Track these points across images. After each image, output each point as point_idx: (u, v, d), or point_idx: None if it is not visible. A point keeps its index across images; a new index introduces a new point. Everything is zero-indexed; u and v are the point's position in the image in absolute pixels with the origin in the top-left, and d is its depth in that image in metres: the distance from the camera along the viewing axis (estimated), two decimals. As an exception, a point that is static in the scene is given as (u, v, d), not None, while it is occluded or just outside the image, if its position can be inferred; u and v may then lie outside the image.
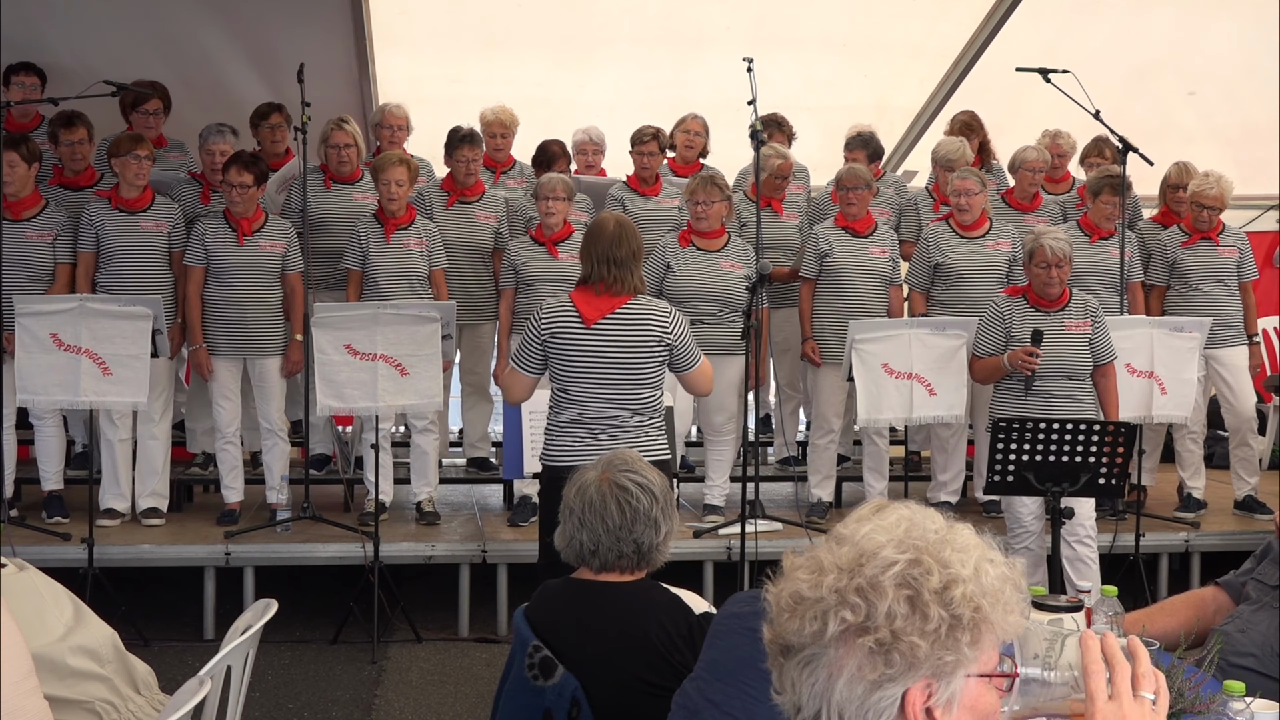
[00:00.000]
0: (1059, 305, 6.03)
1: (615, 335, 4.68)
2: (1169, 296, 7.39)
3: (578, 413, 4.69)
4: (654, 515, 3.11)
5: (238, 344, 6.71)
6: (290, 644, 6.19)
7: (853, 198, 7.05)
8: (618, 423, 4.68)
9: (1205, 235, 7.27)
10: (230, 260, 6.63)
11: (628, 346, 4.68)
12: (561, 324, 4.70)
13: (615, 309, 4.69)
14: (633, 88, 9.10)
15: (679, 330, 4.75)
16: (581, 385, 4.68)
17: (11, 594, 3.21)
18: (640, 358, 4.69)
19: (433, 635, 6.38)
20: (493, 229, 7.25)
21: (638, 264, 4.78)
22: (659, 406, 4.78)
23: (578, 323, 4.68)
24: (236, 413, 6.79)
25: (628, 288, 4.72)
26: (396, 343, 6.26)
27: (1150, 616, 3.43)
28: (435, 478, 7.11)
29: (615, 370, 4.68)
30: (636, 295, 4.74)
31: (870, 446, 7.13)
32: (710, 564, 6.63)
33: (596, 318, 4.67)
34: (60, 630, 3.20)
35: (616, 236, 4.74)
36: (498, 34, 8.72)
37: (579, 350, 4.68)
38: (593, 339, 4.68)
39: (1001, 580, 1.58)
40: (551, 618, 3.06)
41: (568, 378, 4.70)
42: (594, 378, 4.68)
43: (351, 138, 7.16)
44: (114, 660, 3.24)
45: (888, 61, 9.35)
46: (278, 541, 6.56)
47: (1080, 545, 5.99)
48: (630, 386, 4.69)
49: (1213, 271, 7.28)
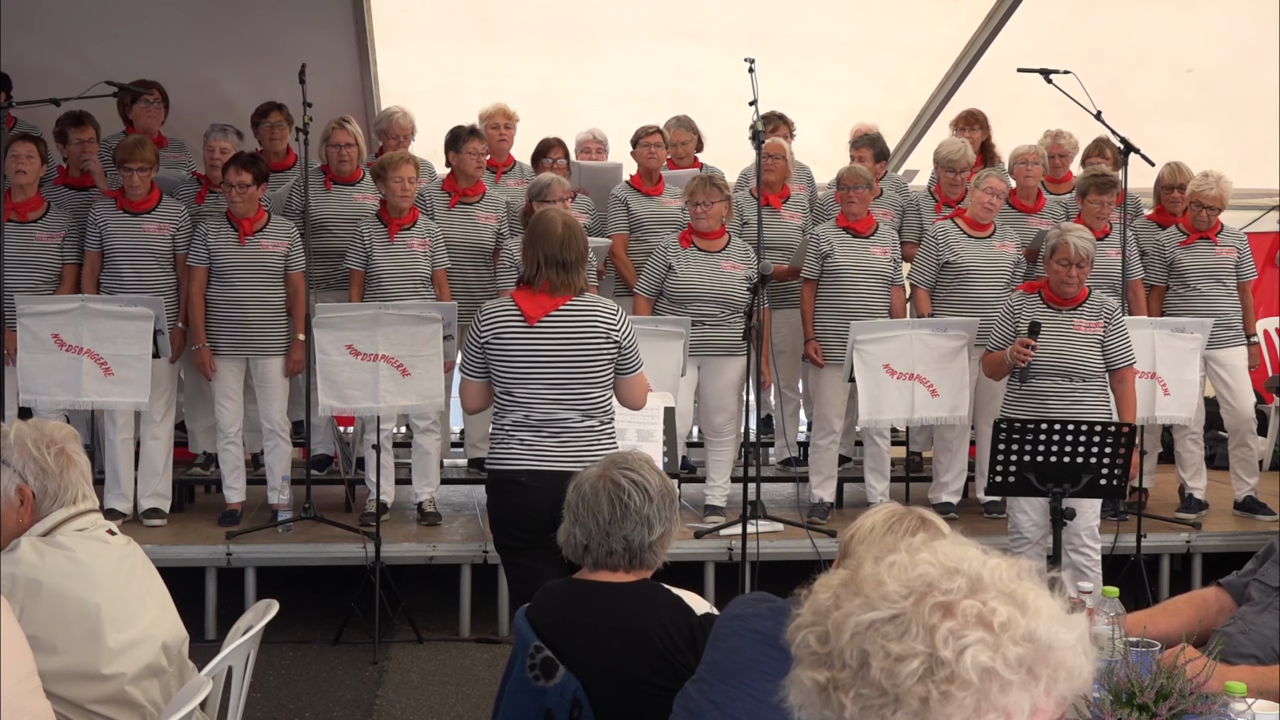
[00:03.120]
0: (1072, 304, 5.97)
1: (560, 333, 4.47)
2: (1167, 298, 7.38)
3: (523, 415, 4.47)
4: (646, 514, 3.10)
5: (240, 344, 6.70)
6: (291, 644, 6.19)
7: (854, 197, 7.04)
8: (566, 425, 4.47)
9: (1204, 235, 7.27)
10: (232, 260, 6.63)
11: (574, 344, 4.47)
12: (503, 324, 4.49)
13: (559, 306, 4.48)
14: (634, 81, 9.11)
15: (626, 330, 4.54)
16: (527, 386, 4.47)
17: (128, 571, 3.17)
18: (587, 356, 4.48)
19: (434, 636, 6.38)
20: (494, 229, 7.25)
21: (584, 266, 4.59)
22: (610, 409, 4.58)
23: (520, 322, 4.47)
24: (239, 413, 6.79)
25: (573, 289, 4.51)
26: (398, 343, 6.26)
27: (1152, 618, 3.42)
28: (437, 478, 7.11)
29: (561, 370, 4.47)
30: (581, 293, 4.55)
31: (872, 447, 7.13)
32: (711, 565, 6.63)
33: (540, 315, 4.46)
34: (147, 621, 3.13)
35: (565, 239, 4.52)
36: (498, 28, 8.74)
37: (522, 350, 4.47)
38: (536, 338, 4.46)
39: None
40: (553, 618, 3.06)
41: (512, 379, 4.49)
42: (539, 378, 4.46)
43: (353, 137, 7.15)
44: (176, 662, 3.19)
45: (888, 62, 9.35)
46: (279, 542, 6.56)
47: (1077, 554, 5.97)
48: (578, 386, 4.48)
49: (1211, 271, 7.28)
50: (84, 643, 2.94)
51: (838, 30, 8.95)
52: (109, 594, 3.01)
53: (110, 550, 3.12)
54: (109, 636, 2.96)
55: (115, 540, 3.17)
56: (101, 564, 3.05)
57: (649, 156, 7.58)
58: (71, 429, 3.25)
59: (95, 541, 3.09)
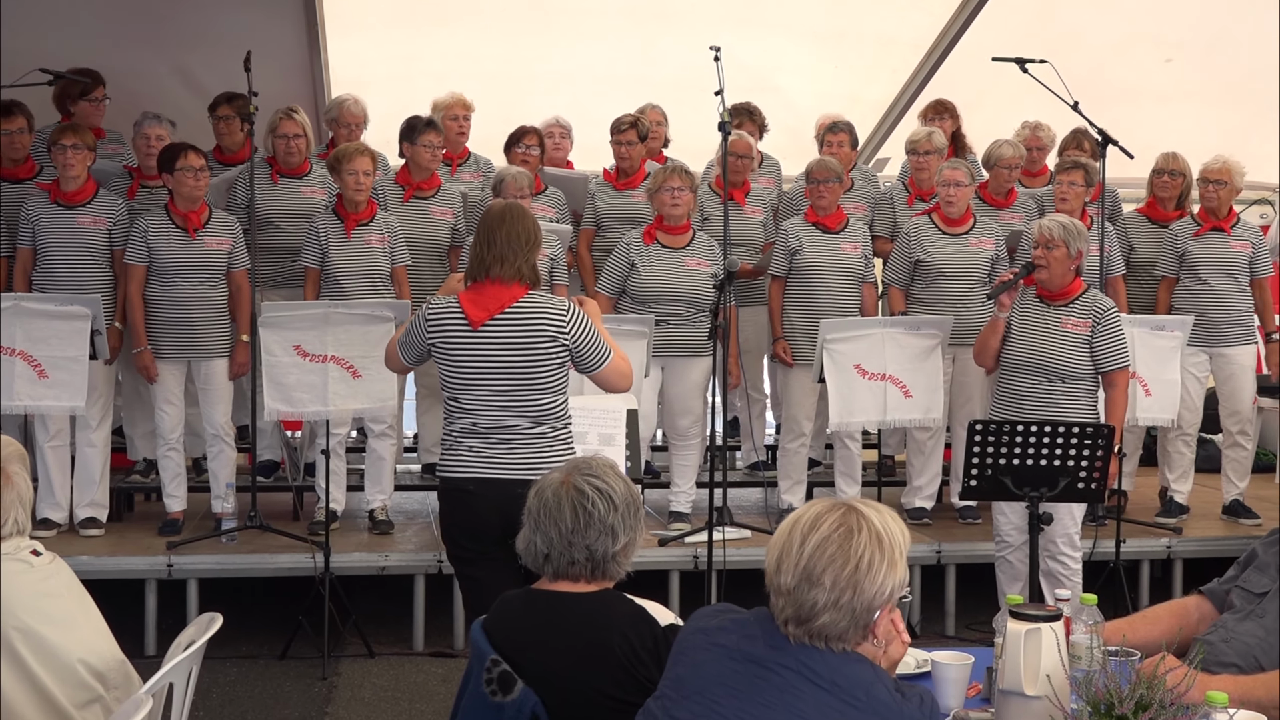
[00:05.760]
0: (1062, 300, 5.94)
1: (505, 337, 4.42)
2: (1176, 291, 7.38)
3: (471, 422, 4.45)
4: (610, 522, 3.09)
5: (182, 346, 6.65)
6: (236, 660, 6.15)
7: (823, 190, 7.06)
8: (514, 432, 4.43)
9: (1217, 226, 7.28)
10: (176, 259, 6.57)
11: (519, 349, 4.42)
12: (447, 326, 4.46)
13: (505, 308, 4.42)
14: (597, 65, 9.11)
15: (578, 328, 4.47)
16: (473, 393, 4.44)
17: (51, 593, 3.14)
18: (534, 360, 4.43)
19: (386, 650, 6.35)
20: (449, 225, 7.23)
21: (526, 250, 4.48)
22: (563, 414, 4.54)
23: (464, 325, 4.43)
24: (180, 417, 6.75)
25: (513, 276, 4.44)
26: (348, 343, 6.24)
27: (1131, 626, 3.45)
28: (390, 485, 7.09)
29: (507, 375, 4.42)
30: (529, 291, 4.48)
31: (842, 451, 7.15)
32: (676, 573, 6.63)
33: (484, 318, 4.41)
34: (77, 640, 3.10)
35: (500, 216, 4.50)
36: (454, 10, 8.70)
37: (467, 355, 4.44)
38: (481, 342, 4.42)
39: None
40: (510, 630, 3.05)
41: (458, 385, 4.47)
42: (485, 384, 4.43)
43: (300, 128, 7.11)
44: (121, 686, 3.15)
45: (859, 50, 9.39)
46: (223, 552, 6.51)
47: (1054, 562, 6.00)
48: (525, 392, 4.44)
49: (1222, 265, 7.28)
50: (9, 670, 2.92)
51: (808, 17, 8.98)
52: (29, 618, 3.00)
53: (32, 573, 3.10)
54: (30, 662, 2.95)
55: (39, 561, 3.15)
56: (19, 587, 3.03)
57: (621, 155, 7.58)
58: (19, 448, 3.21)
59: (17, 563, 3.07)
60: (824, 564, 2.42)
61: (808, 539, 2.46)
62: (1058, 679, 2.83)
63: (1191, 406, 7.33)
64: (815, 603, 2.42)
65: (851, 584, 2.41)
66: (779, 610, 2.48)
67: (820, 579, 2.42)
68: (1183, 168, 7.51)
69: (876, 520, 2.48)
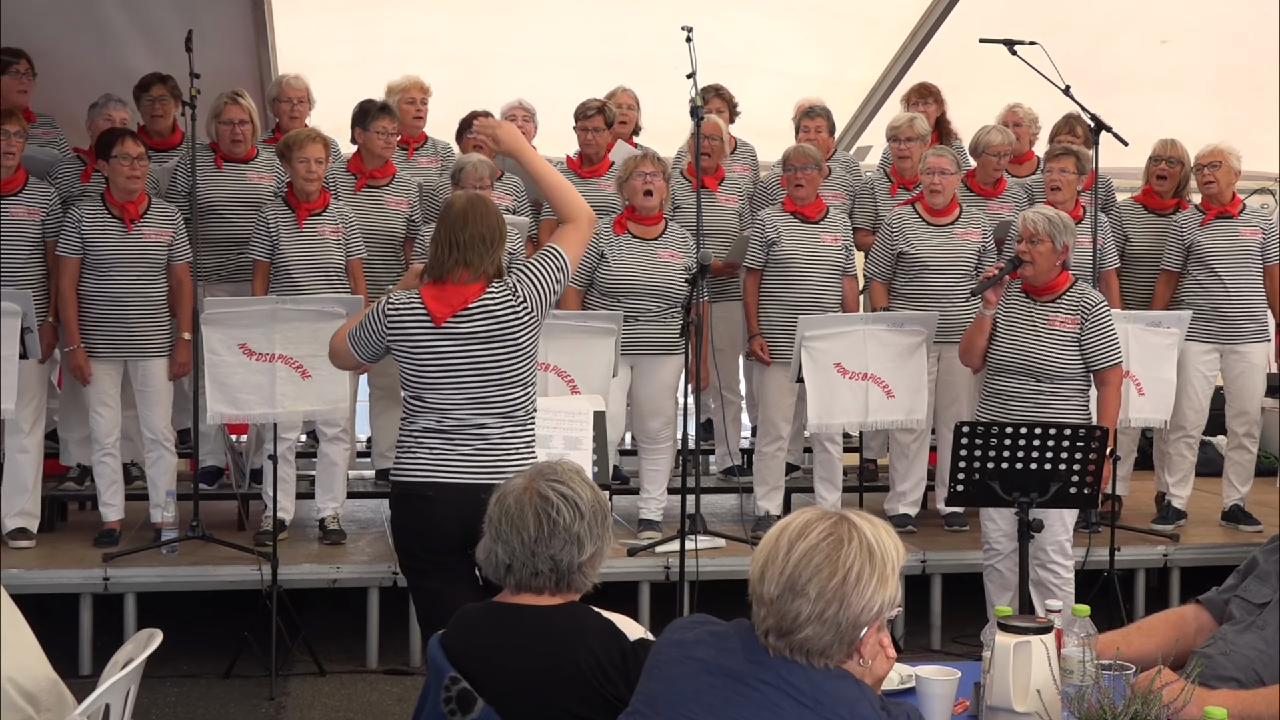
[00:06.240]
0: (1049, 294, 5.98)
1: (470, 333, 4.44)
2: (1185, 285, 7.39)
3: (435, 420, 4.47)
4: (576, 531, 3.10)
5: (119, 345, 6.63)
6: (177, 679, 6.14)
7: (801, 179, 7.08)
8: (483, 431, 4.46)
9: (1224, 211, 7.29)
10: (112, 251, 6.55)
11: (487, 344, 4.45)
12: (409, 323, 4.47)
13: (468, 303, 4.44)
14: (561, 46, 9.11)
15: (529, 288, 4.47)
16: (439, 391, 4.46)
17: None
18: (502, 355, 4.46)
19: (338, 668, 6.35)
20: (405, 216, 7.23)
21: (492, 252, 4.50)
22: (531, 408, 4.58)
23: (426, 323, 4.45)
24: (116, 421, 6.72)
25: (477, 275, 4.46)
26: (297, 341, 6.22)
27: (1126, 638, 3.47)
28: (343, 492, 7.08)
29: (475, 373, 4.45)
30: (491, 284, 4.48)
31: (822, 454, 7.18)
32: (646, 585, 6.66)
33: (447, 314, 4.43)
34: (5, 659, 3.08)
35: (463, 215, 4.49)
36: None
37: (431, 353, 4.45)
38: (445, 340, 4.44)
39: None
40: (470, 646, 3.05)
41: (422, 384, 4.49)
42: (453, 381, 4.45)
43: (246, 113, 7.11)
44: (54, 708, 3.14)
45: (840, 30, 9.42)
46: (163, 564, 6.50)
47: (1045, 571, 6.05)
48: (495, 387, 4.47)
49: (1235, 253, 7.29)
50: None
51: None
52: None
53: None
54: None
55: None
56: None
57: (586, 141, 7.59)
58: None
59: None
60: (810, 574, 2.43)
61: (794, 546, 2.47)
62: (1049, 695, 2.86)
63: (1198, 407, 7.38)
64: (798, 614, 2.42)
65: (838, 597, 2.41)
66: (760, 621, 2.49)
67: (805, 589, 2.42)
68: (1181, 155, 7.55)
69: (869, 532, 2.49)
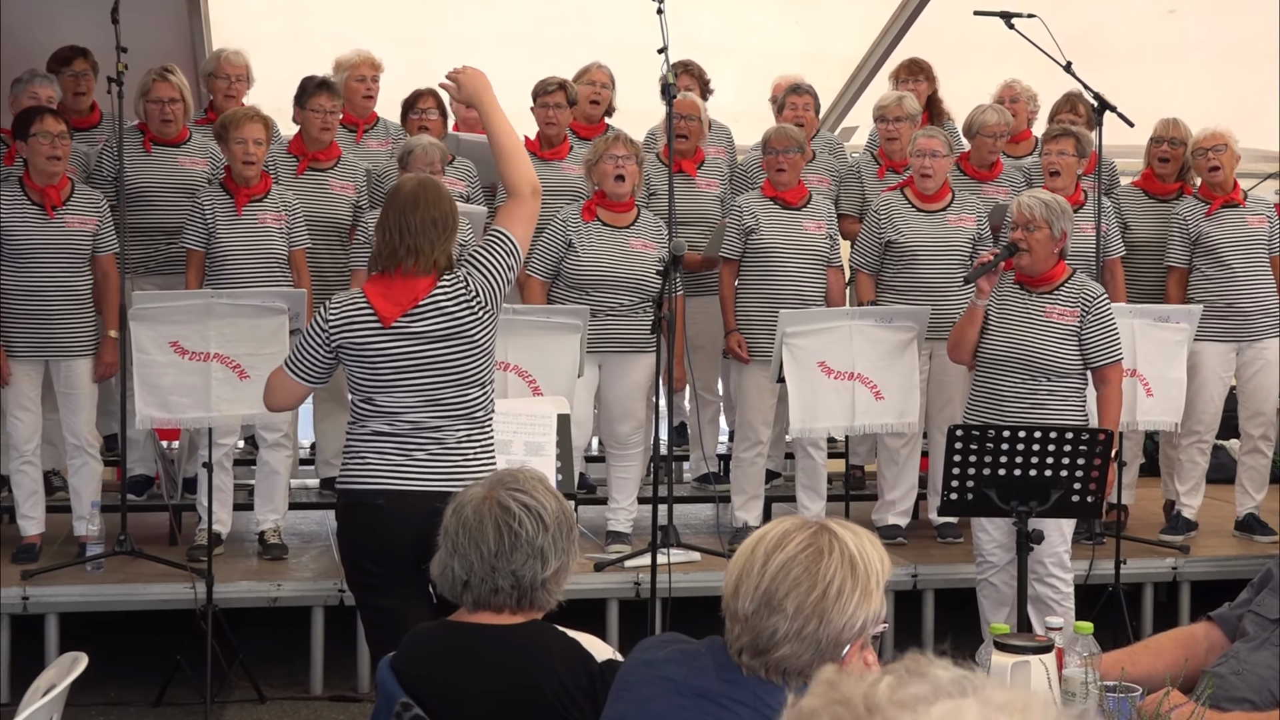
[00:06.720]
0: (1045, 285, 5.97)
1: (422, 333, 4.42)
2: (1194, 279, 7.41)
3: (386, 424, 4.45)
4: (540, 544, 3.08)
5: (39, 343, 6.59)
6: (103, 706, 6.11)
7: (783, 162, 7.08)
8: (438, 435, 4.45)
9: (1229, 200, 7.33)
10: (32, 241, 6.50)
11: (440, 344, 4.43)
12: (355, 325, 4.44)
13: (418, 300, 4.41)
14: (519, 23, 9.10)
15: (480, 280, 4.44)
16: (390, 394, 4.44)
17: None
18: (458, 355, 4.45)
19: (279, 693, 6.33)
20: (350, 201, 7.21)
21: (444, 239, 4.47)
22: (489, 409, 4.57)
23: (374, 323, 4.42)
24: (36, 426, 6.68)
25: (428, 265, 4.43)
26: (234, 339, 6.18)
27: (1132, 657, 3.47)
28: (284, 503, 7.05)
29: (429, 372, 4.44)
30: (441, 277, 4.45)
31: (805, 460, 7.18)
32: (615, 602, 6.65)
33: (396, 314, 4.41)
34: None
35: (414, 197, 4.46)
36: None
37: (380, 356, 4.43)
38: (395, 341, 4.42)
39: None
40: (424, 669, 3.05)
41: (371, 387, 4.47)
42: (405, 383, 4.44)
43: (177, 90, 7.07)
44: None
45: (822, 2, 9.42)
46: (88, 582, 6.46)
47: (1043, 585, 6.04)
48: (451, 388, 4.46)
49: (1245, 244, 7.33)
50: None
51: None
52: None
53: None
54: None
55: None
56: None
57: (547, 120, 7.55)
58: None
59: None
60: (787, 588, 2.41)
61: (771, 559, 2.45)
62: (1050, 718, 2.84)
63: (1213, 410, 7.40)
64: (775, 631, 2.41)
65: (817, 612, 2.40)
66: (734, 639, 2.47)
67: (782, 605, 2.41)
68: (1184, 136, 7.58)
69: (851, 543, 2.47)
